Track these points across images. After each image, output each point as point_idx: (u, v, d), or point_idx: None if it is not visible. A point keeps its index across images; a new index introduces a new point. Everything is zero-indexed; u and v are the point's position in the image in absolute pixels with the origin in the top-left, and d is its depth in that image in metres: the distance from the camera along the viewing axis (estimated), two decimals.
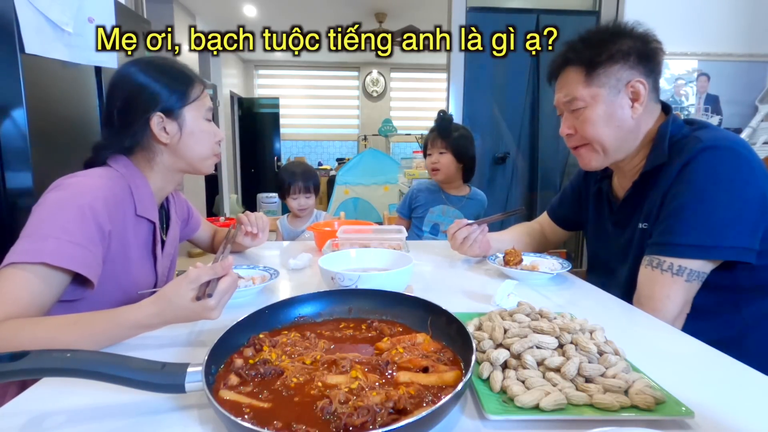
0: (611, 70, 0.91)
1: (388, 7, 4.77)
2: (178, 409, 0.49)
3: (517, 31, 1.76)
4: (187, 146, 0.92)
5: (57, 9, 1.55)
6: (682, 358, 0.64)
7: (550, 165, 2.85)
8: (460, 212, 1.82)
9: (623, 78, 0.91)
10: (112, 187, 0.83)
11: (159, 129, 0.88)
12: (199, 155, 0.95)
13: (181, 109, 0.90)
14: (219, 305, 0.64)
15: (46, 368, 0.46)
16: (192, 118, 0.92)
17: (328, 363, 0.53)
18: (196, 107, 0.93)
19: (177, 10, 4.22)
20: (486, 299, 0.86)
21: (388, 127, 6.59)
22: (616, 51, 0.91)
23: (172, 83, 0.90)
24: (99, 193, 0.79)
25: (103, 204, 0.78)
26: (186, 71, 0.94)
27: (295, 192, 1.95)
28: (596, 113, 0.93)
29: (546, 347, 0.55)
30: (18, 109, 1.42)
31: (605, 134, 0.94)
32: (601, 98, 0.92)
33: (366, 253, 1.00)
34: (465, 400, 0.51)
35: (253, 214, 1.18)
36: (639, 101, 0.92)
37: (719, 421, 0.47)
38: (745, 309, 0.88)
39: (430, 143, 1.83)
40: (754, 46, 2.56)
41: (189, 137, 0.92)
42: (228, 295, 0.66)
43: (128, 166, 0.90)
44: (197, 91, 0.93)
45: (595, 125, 0.94)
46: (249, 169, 6.76)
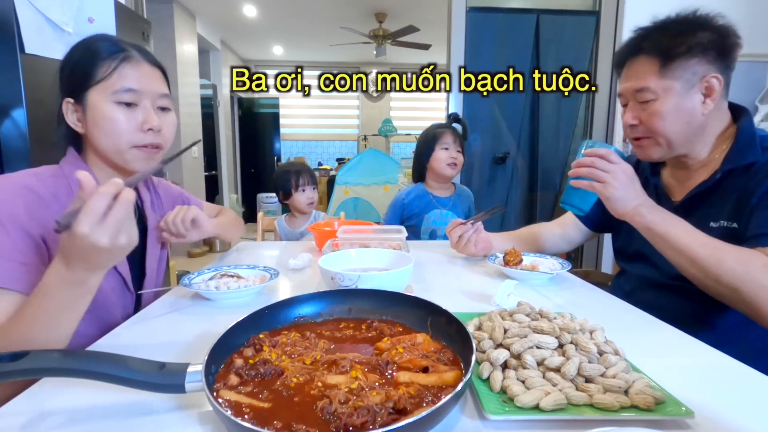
0: (688, 64, 0.87)
1: (388, 7, 4.77)
2: (178, 409, 0.49)
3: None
4: (95, 138, 0.80)
5: (57, 9, 1.55)
6: (682, 358, 0.64)
7: (550, 165, 2.85)
8: (453, 213, 1.79)
9: (699, 72, 0.88)
10: (42, 187, 0.75)
11: (71, 117, 0.80)
12: (112, 149, 0.81)
13: (86, 92, 0.78)
14: (92, 225, 0.52)
15: (46, 368, 0.46)
16: (94, 103, 0.78)
17: (328, 363, 0.53)
18: (102, 88, 0.78)
19: (177, 10, 4.22)
20: (486, 299, 0.86)
21: (388, 127, 6.59)
22: (696, 44, 0.87)
23: (78, 62, 0.79)
24: (19, 198, 0.71)
25: (23, 208, 0.71)
26: (93, 45, 0.80)
27: (304, 184, 1.94)
28: (666, 107, 0.89)
29: (546, 347, 0.55)
30: (18, 109, 1.42)
31: (672, 129, 0.91)
32: (673, 92, 0.89)
33: (366, 253, 1.00)
34: (465, 400, 0.51)
35: (171, 214, 0.95)
36: (712, 97, 0.89)
37: (719, 421, 0.47)
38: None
39: (445, 138, 1.74)
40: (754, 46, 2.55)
41: (94, 126, 0.79)
42: (104, 212, 0.53)
43: (73, 160, 0.83)
44: (105, 70, 0.78)
45: (664, 119, 0.90)
46: (249, 169, 6.76)
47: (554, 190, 2.89)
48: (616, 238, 1.19)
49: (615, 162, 0.87)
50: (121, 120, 0.79)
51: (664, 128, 0.91)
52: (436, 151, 1.74)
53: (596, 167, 0.88)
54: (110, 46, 0.80)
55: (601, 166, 0.87)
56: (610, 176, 0.86)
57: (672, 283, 0.95)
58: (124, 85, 0.79)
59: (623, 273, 1.16)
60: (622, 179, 0.86)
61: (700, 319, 0.92)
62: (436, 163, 1.74)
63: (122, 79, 0.79)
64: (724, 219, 0.90)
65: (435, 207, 1.78)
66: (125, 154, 0.81)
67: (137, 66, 0.82)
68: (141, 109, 0.82)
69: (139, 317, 0.79)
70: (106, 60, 0.79)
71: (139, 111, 0.81)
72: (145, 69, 0.83)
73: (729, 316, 0.89)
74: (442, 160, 1.72)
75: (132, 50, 0.83)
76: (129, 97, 0.80)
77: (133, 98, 0.80)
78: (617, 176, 0.86)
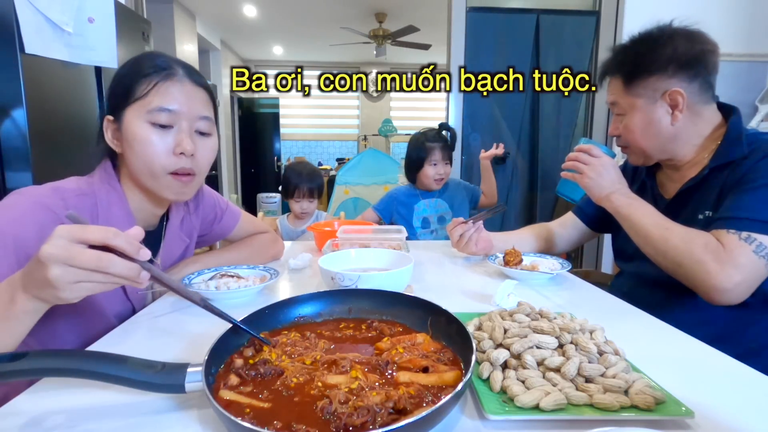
0: (647, 82, 0.94)
1: (388, 7, 4.77)
2: (178, 409, 0.49)
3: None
4: (129, 160, 0.76)
5: (57, 9, 1.55)
6: (682, 358, 0.64)
7: (550, 165, 2.84)
8: (442, 200, 1.91)
9: (659, 88, 0.94)
10: (65, 208, 0.70)
11: (109, 134, 0.77)
12: (145, 171, 0.76)
13: (124, 110, 0.75)
14: (63, 247, 0.46)
15: (46, 368, 0.46)
16: (128, 122, 0.74)
17: (328, 363, 0.53)
18: (138, 107, 0.74)
19: (177, 10, 4.22)
20: (486, 299, 0.86)
21: (388, 127, 6.59)
22: (651, 62, 0.93)
23: (122, 78, 0.76)
24: (33, 218, 0.66)
25: (35, 231, 0.65)
26: (140, 61, 0.77)
27: (299, 195, 1.95)
28: (633, 122, 0.98)
29: (546, 347, 0.55)
30: (18, 109, 1.42)
31: (643, 141, 0.99)
32: (637, 107, 0.97)
33: (366, 253, 1.00)
34: (465, 400, 0.51)
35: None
36: (678, 109, 0.94)
37: (719, 421, 0.47)
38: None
39: (434, 156, 1.84)
40: (753, 46, 2.55)
41: (127, 147, 0.75)
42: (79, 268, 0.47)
43: (106, 177, 0.79)
44: (144, 87, 0.74)
45: (633, 133, 0.99)
46: (249, 169, 6.76)
47: (554, 190, 2.89)
48: (615, 238, 1.20)
49: (596, 155, 0.99)
50: (155, 142, 0.74)
51: (635, 140, 1.00)
52: (425, 168, 1.86)
53: (579, 160, 1.01)
54: (155, 63, 0.76)
55: (582, 159, 1.00)
56: (587, 168, 0.99)
57: (666, 280, 0.96)
58: (160, 105, 0.74)
59: (622, 273, 1.17)
60: (598, 170, 0.98)
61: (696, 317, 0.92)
62: (424, 177, 1.88)
63: (159, 98, 0.74)
64: (708, 210, 0.94)
65: (423, 198, 1.92)
66: (160, 179, 0.76)
67: (179, 85, 0.77)
68: (176, 131, 0.76)
69: (138, 317, 0.79)
70: (147, 77, 0.75)
71: (174, 133, 0.76)
72: (187, 88, 0.78)
73: (724, 314, 0.89)
74: (430, 177, 1.86)
75: (177, 68, 0.78)
76: (164, 117, 0.75)
77: (169, 119, 0.75)
78: (594, 167, 0.98)
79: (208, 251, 1.10)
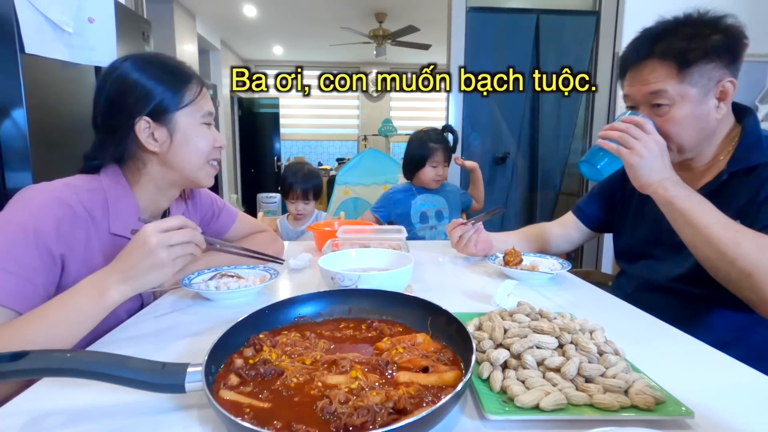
0: (705, 69, 0.85)
1: (388, 7, 4.77)
2: (178, 409, 0.49)
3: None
4: (178, 155, 0.84)
5: (57, 9, 1.55)
6: (682, 358, 0.64)
7: (550, 165, 2.85)
8: (438, 195, 1.94)
9: (715, 77, 0.85)
10: (78, 202, 0.75)
11: (146, 136, 0.80)
12: (194, 166, 0.86)
13: (174, 113, 0.82)
14: (158, 231, 0.65)
15: (46, 368, 0.46)
16: (186, 124, 0.83)
17: (328, 363, 0.53)
18: (192, 111, 0.84)
19: (177, 10, 4.22)
20: (486, 299, 0.86)
21: (388, 127, 6.59)
22: (711, 47, 0.84)
23: (165, 82, 0.82)
24: (51, 212, 0.71)
25: (54, 225, 0.70)
26: (183, 68, 0.86)
27: (294, 197, 1.95)
28: (682, 113, 0.87)
29: (546, 347, 0.55)
30: (18, 109, 1.42)
31: (687, 135, 0.88)
32: (690, 98, 0.86)
33: (366, 253, 1.00)
34: (465, 400, 0.51)
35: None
36: (725, 101, 0.87)
37: (719, 421, 0.47)
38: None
39: (435, 157, 1.86)
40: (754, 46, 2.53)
41: (181, 145, 0.83)
42: (177, 244, 0.66)
43: (115, 178, 0.83)
44: (193, 92, 0.85)
45: (680, 125, 0.87)
46: (249, 169, 6.76)
47: (554, 190, 2.89)
48: (618, 238, 1.18)
49: (649, 132, 0.85)
50: (208, 139, 0.88)
51: (678, 135, 0.88)
52: (426, 168, 1.88)
53: (629, 133, 0.85)
54: (185, 71, 0.87)
55: (633, 133, 0.85)
56: (640, 144, 0.84)
57: (673, 285, 0.95)
58: (209, 110, 0.88)
59: (623, 274, 1.16)
60: (653, 148, 0.84)
61: (700, 322, 0.91)
62: (423, 176, 1.90)
63: (206, 103, 0.88)
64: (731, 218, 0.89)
65: (419, 194, 1.94)
66: (204, 168, 0.89)
67: (206, 89, 0.90)
68: (212, 128, 0.90)
69: (138, 317, 0.79)
70: (191, 84, 0.85)
71: (212, 130, 0.90)
72: (207, 93, 0.91)
73: (730, 319, 0.89)
74: (430, 177, 1.89)
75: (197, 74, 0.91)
76: (210, 119, 0.89)
77: (211, 120, 0.90)
78: (648, 144, 0.84)
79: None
